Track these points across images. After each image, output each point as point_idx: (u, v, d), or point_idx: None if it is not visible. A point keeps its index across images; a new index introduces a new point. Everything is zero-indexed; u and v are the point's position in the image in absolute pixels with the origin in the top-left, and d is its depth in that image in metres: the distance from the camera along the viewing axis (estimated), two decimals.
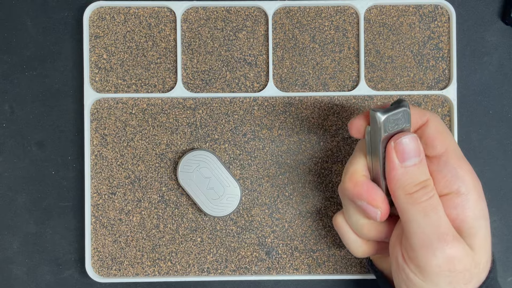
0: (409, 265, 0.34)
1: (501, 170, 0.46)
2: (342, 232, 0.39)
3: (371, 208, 0.35)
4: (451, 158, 0.35)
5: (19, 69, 0.45)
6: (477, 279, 0.34)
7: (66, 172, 0.45)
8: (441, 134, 0.35)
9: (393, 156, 0.34)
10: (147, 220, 0.44)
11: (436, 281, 0.33)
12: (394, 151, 0.34)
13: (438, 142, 0.35)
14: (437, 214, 0.33)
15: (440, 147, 0.35)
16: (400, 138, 0.34)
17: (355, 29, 0.45)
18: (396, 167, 0.34)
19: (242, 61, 0.45)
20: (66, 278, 0.46)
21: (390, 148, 0.34)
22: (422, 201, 0.33)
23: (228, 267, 0.45)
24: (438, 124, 0.36)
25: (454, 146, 0.35)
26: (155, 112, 0.45)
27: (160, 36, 0.45)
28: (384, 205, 0.35)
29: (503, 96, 0.46)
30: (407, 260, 0.34)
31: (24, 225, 0.45)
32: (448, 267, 0.33)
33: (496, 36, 0.46)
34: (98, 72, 0.45)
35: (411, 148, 0.34)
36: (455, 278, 0.33)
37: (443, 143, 0.35)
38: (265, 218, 0.45)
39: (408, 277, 0.34)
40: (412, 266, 0.34)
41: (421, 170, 0.34)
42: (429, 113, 0.36)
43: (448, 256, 0.33)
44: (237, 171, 0.45)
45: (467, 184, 0.34)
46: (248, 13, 0.45)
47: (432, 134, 0.35)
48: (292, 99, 0.45)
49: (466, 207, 0.34)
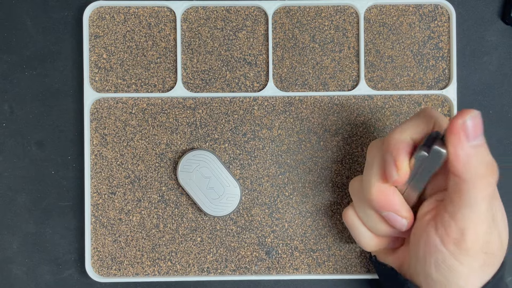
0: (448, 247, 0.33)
1: (501, 170, 0.46)
2: (353, 227, 0.39)
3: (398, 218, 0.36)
4: None
5: (18, 68, 0.45)
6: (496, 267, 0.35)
7: (66, 172, 0.45)
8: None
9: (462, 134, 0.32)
10: (147, 220, 0.44)
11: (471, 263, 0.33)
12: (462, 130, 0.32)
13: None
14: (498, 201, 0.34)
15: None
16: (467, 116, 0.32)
17: (355, 28, 0.45)
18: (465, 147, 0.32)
19: (242, 61, 0.45)
20: (66, 278, 0.46)
21: (457, 126, 0.32)
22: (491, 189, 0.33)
23: (228, 267, 0.45)
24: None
25: None
26: (155, 112, 0.45)
27: (160, 36, 0.45)
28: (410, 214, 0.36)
29: (503, 96, 0.46)
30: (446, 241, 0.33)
31: (24, 225, 0.45)
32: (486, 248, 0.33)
33: (496, 36, 0.46)
34: (98, 71, 0.45)
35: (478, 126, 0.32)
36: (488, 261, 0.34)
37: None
38: (265, 218, 0.45)
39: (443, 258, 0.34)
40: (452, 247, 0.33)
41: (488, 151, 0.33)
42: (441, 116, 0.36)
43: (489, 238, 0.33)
44: (237, 171, 0.45)
45: None
46: (248, 12, 0.45)
47: None
48: (292, 98, 0.45)
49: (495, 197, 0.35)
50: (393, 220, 0.36)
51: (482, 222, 0.33)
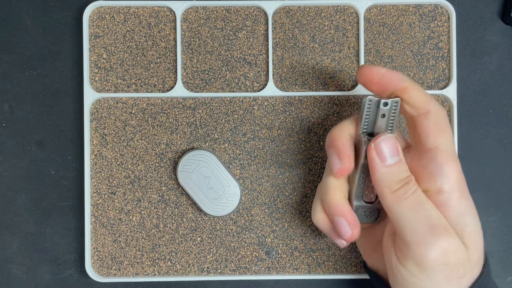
0: (404, 264, 0.34)
1: (501, 170, 0.46)
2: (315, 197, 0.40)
3: (336, 159, 0.36)
4: (439, 155, 0.35)
5: (18, 68, 0.45)
6: (471, 274, 0.34)
7: (66, 172, 0.45)
8: (437, 129, 0.35)
9: (375, 156, 0.35)
10: (147, 220, 0.44)
11: (432, 277, 0.33)
12: (375, 152, 0.35)
13: (431, 136, 0.35)
14: (424, 208, 0.34)
15: (433, 141, 0.35)
16: (378, 139, 0.35)
17: (355, 28, 0.45)
18: (379, 167, 0.35)
19: (242, 61, 0.45)
20: (66, 278, 0.46)
21: (371, 150, 0.35)
22: (407, 196, 0.34)
23: (228, 266, 0.45)
24: (440, 119, 0.35)
25: (446, 143, 0.35)
26: (155, 112, 0.45)
27: (160, 36, 0.45)
28: (347, 163, 0.36)
29: (503, 96, 0.46)
30: (401, 260, 0.34)
31: (24, 224, 0.45)
32: (443, 260, 0.33)
33: (496, 36, 0.46)
34: (98, 71, 0.45)
35: (390, 148, 0.35)
36: (450, 272, 0.33)
37: (436, 139, 0.35)
38: (265, 218, 0.45)
39: (404, 278, 0.34)
40: (407, 265, 0.34)
41: (402, 168, 0.35)
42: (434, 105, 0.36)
43: (442, 249, 0.33)
44: (237, 170, 0.45)
45: (450, 182, 0.34)
46: (248, 12, 0.45)
47: (427, 126, 0.35)
48: (292, 98, 0.45)
49: (449, 205, 0.34)
50: (331, 159, 0.37)
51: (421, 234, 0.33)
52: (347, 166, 0.36)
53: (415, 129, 0.36)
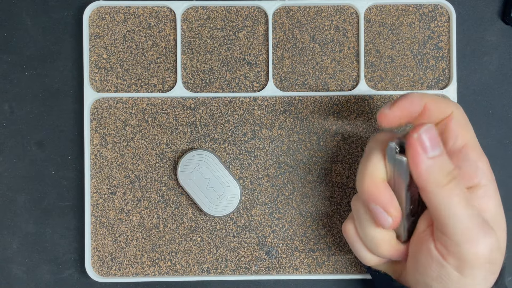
0: (449, 259, 0.33)
1: (501, 170, 0.46)
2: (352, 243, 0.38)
3: (384, 214, 0.34)
4: (471, 152, 0.35)
5: (18, 68, 0.45)
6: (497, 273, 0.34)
7: (66, 172, 0.45)
8: (462, 128, 0.35)
9: (419, 148, 0.32)
10: (147, 220, 0.44)
11: (474, 273, 0.33)
12: (419, 143, 0.32)
13: (459, 135, 0.35)
14: (473, 205, 0.33)
15: (461, 140, 0.35)
16: (420, 130, 0.32)
17: (355, 28, 0.45)
18: (424, 160, 0.32)
19: (242, 61, 0.45)
20: (66, 278, 0.46)
21: (414, 141, 0.32)
22: (457, 193, 0.32)
23: (228, 266, 0.45)
24: (461, 117, 0.35)
25: (474, 139, 0.35)
26: (155, 112, 0.45)
27: (160, 36, 0.45)
28: (397, 214, 0.35)
29: (503, 96, 0.46)
30: (445, 255, 0.33)
31: (24, 225, 0.45)
32: (489, 257, 0.32)
33: (496, 36, 0.46)
34: (98, 71, 0.45)
35: (434, 138, 0.33)
36: (490, 270, 0.33)
37: (464, 137, 0.35)
38: (265, 218, 0.45)
39: (446, 272, 0.33)
40: (452, 260, 0.33)
41: (447, 160, 0.33)
42: (453, 105, 0.35)
43: (490, 247, 0.32)
44: (237, 170, 0.45)
45: (487, 176, 0.34)
46: (248, 12, 0.45)
47: (454, 127, 0.35)
48: (292, 98, 0.45)
49: (488, 198, 0.34)
50: (378, 215, 0.35)
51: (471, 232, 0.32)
52: (397, 218, 0.35)
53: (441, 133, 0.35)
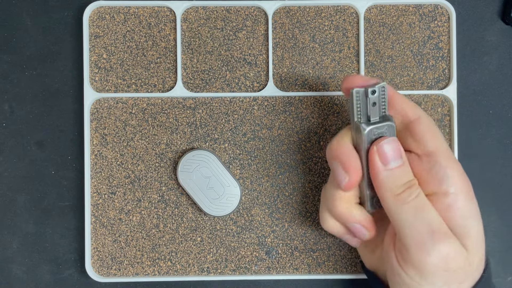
0: (405, 268, 0.34)
1: (501, 170, 0.46)
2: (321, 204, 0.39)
3: (342, 172, 0.35)
4: (441, 158, 0.35)
5: (19, 68, 0.45)
6: (471, 279, 0.34)
7: (66, 172, 0.45)
8: (432, 133, 0.35)
9: (377, 160, 0.34)
10: (147, 220, 0.44)
11: (432, 282, 0.33)
12: (377, 155, 0.34)
13: (429, 139, 0.35)
14: (426, 213, 0.33)
15: (431, 144, 0.35)
16: (381, 142, 0.34)
17: (355, 28, 0.45)
18: (381, 170, 0.34)
19: (242, 61, 0.45)
20: (66, 278, 0.46)
21: (373, 153, 0.34)
22: (410, 200, 0.33)
23: (228, 266, 0.45)
24: (430, 123, 0.36)
25: (444, 146, 0.35)
26: (155, 112, 0.45)
27: (160, 36, 0.45)
28: (355, 173, 0.35)
29: (503, 96, 0.46)
30: (402, 264, 0.34)
31: (24, 224, 0.45)
32: (443, 266, 0.33)
33: (496, 36, 0.46)
34: (98, 71, 0.45)
35: (393, 150, 0.34)
36: (450, 277, 0.33)
37: (434, 141, 0.35)
38: (265, 218, 0.45)
39: (403, 281, 0.34)
40: (407, 269, 0.34)
41: (405, 171, 0.34)
42: (421, 111, 0.36)
43: (442, 254, 0.33)
44: (237, 170, 0.45)
45: (455, 184, 0.34)
46: (248, 12, 0.45)
47: (423, 130, 0.35)
48: (292, 98, 0.45)
49: (454, 207, 0.34)
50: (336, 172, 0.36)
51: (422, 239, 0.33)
52: (355, 179, 0.35)
53: (410, 136, 0.36)
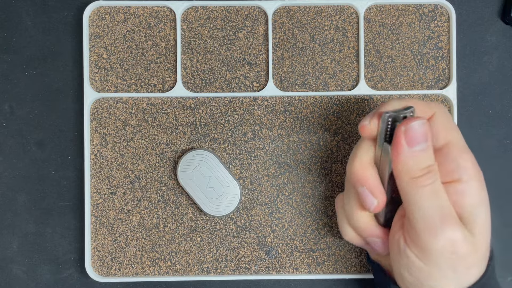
0: (412, 248, 0.34)
1: (501, 170, 0.46)
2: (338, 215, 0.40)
3: (370, 196, 0.36)
4: (453, 149, 0.35)
5: (19, 68, 0.45)
6: (479, 266, 0.35)
7: (66, 172, 0.45)
8: (444, 127, 0.36)
9: (402, 140, 0.34)
10: (147, 220, 0.44)
11: (438, 264, 0.34)
12: (404, 136, 0.34)
13: (441, 135, 0.35)
14: (439, 198, 0.34)
15: (442, 139, 0.35)
16: (410, 123, 0.34)
17: (355, 28, 0.45)
18: (404, 151, 0.34)
19: (242, 61, 0.45)
20: (66, 278, 0.46)
21: (400, 132, 0.34)
22: (426, 184, 0.33)
23: (228, 266, 0.45)
24: (444, 118, 0.36)
25: (457, 138, 0.36)
26: (155, 112, 0.45)
27: (160, 36, 0.45)
28: (382, 197, 0.36)
29: (503, 96, 0.46)
30: (409, 244, 0.34)
31: (24, 224, 0.45)
32: (450, 249, 0.33)
33: (496, 36, 0.46)
34: (98, 71, 0.45)
35: (420, 133, 0.34)
36: (457, 262, 0.34)
37: (445, 136, 0.36)
38: (265, 217, 0.45)
39: (410, 261, 0.34)
40: (415, 250, 0.34)
41: (428, 155, 0.34)
42: (435, 106, 0.37)
43: (450, 238, 0.33)
44: (237, 170, 0.45)
45: (468, 173, 0.35)
46: (248, 12, 0.45)
47: (436, 127, 0.36)
48: (292, 98, 0.45)
49: (466, 194, 0.34)
50: (365, 197, 0.36)
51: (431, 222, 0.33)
52: (382, 202, 0.36)
53: None
